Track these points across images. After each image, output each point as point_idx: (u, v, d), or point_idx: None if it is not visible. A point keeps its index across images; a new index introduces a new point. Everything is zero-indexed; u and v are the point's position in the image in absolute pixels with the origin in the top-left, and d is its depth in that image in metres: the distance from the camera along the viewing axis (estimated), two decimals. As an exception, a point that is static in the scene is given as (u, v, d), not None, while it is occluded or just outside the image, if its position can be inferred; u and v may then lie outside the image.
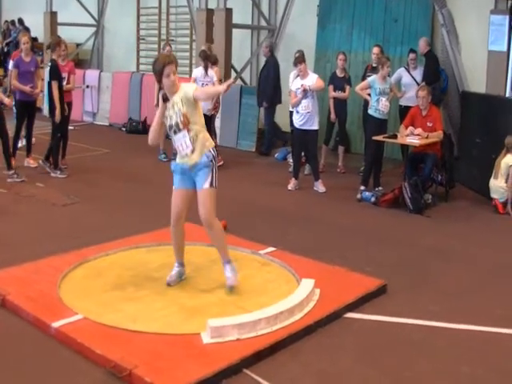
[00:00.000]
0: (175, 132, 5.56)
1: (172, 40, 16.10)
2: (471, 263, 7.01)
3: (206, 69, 11.06)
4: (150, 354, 4.53)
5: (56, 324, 4.92)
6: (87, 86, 16.26)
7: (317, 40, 13.69)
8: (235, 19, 13.57)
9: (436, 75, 11.14)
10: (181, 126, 5.51)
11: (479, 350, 4.99)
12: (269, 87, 12.31)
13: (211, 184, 5.64)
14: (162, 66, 5.40)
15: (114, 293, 5.58)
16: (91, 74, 16.57)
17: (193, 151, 5.56)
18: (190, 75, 12.66)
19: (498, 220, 8.82)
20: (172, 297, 5.55)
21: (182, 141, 5.56)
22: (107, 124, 16.02)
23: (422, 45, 11.23)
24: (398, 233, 8.03)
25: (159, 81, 5.46)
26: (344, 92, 10.99)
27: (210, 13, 13.40)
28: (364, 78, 10.81)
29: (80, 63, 17.70)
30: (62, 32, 16.05)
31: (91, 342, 4.63)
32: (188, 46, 15.97)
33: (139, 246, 6.75)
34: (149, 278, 5.94)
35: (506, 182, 8.99)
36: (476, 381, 4.57)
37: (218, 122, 12.71)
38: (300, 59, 9.84)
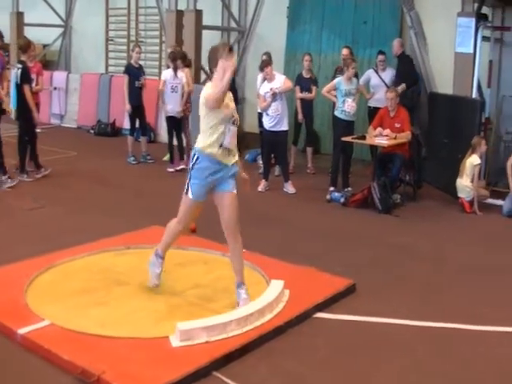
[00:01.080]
0: (233, 123, 5.34)
1: (141, 41, 15.99)
2: (439, 262, 7.09)
3: (175, 70, 11.04)
4: (119, 358, 4.50)
5: (22, 330, 4.85)
6: (54, 88, 16.11)
7: (287, 41, 13.73)
8: (205, 21, 13.54)
9: (412, 77, 11.16)
10: (236, 122, 5.39)
11: (447, 347, 5.04)
12: (231, 89, 12.18)
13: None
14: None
15: (82, 298, 5.52)
16: (59, 76, 16.44)
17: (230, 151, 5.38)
18: (160, 77, 12.59)
19: (464, 219, 8.93)
20: (141, 301, 5.51)
21: (233, 136, 5.33)
22: (75, 126, 15.88)
23: (396, 46, 11.29)
24: (367, 233, 8.08)
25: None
26: (310, 93, 11.04)
27: (179, 14, 13.36)
28: (333, 79, 10.85)
29: (47, 64, 17.46)
30: (29, 32, 15.86)
31: (58, 348, 4.58)
32: (157, 48, 15.88)
33: (107, 249, 6.68)
34: (117, 281, 5.89)
35: (472, 181, 9.10)
36: (445, 376, 4.62)
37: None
38: (266, 63, 9.89)
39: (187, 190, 5.37)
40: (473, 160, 9.14)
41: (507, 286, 6.41)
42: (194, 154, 5.34)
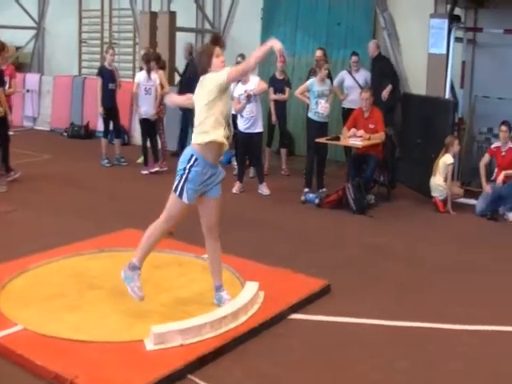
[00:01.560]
0: (228, 125, 5.28)
1: (115, 43, 15.92)
2: (413, 261, 7.14)
3: (148, 72, 11.00)
4: (92, 363, 4.47)
5: (-5, 335, 4.80)
6: (27, 90, 15.98)
7: (261, 43, 13.72)
8: (179, 22, 13.53)
9: (394, 77, 11.14)
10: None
11: (420, 347, 5.08)
12: (190, 91, 12.05)
13: None
14: None
15: (55, 302, 5.47)
16: (32, 78, 16.31)
17: None
18: (134, 79, 12.53)
19: (438, 218, 9.01)
20: (115, 304, 5.47)
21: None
22: (48, 129, 15.78)
23: (372, 47, 11.31)
24: (342, 233, 8.11)
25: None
26: (284, 94, 11.05)
27: (153, 16, 13.34)
28: (307, 81, 10.87)
29: (20, 67, 17.30)
30: (1, 34, 15.67)
31: (31, 353, 4.53)
32: (131, 50, 15.82)
33: (81, 253, 6.63)
34: (91, 285, 5.84)
35: (445, 180, 9.18)
36: (415, 375, 4.66)
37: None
38: None
39: (181, 193, 5.14)
40: (446, 159, 9.22)
41: (479, 286, 6.47)
42: (192, 155, 5.11)
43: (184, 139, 12.34)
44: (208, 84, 5.08)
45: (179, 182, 5.15)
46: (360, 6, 12.56)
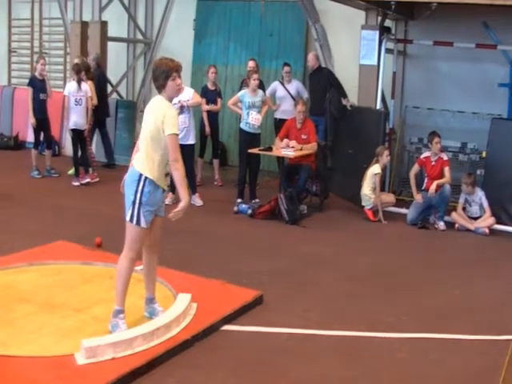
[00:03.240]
0: None
1: (45, 53, 15.65)
2: (345, 270, 7.24)
3: (79, 83, 10.85)
4: (22, 379, 4.38)
5: None
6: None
7: (193, 54, 13.76)
8: (111, 32, 13.40)
9: (341, 87, 11.12)
10: None
11: (352, 355, 5.15)
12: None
13: None
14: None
15: (-18, 317, 5.35)
16: (-41, 88, 15.89)
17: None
18: (64, 89, 12.34)
19: (370, 227, 9.17)
20: (44, 318, 5.37)
21: None
22: (-23, 140, 15.36)
23: (312, 59, 11.25)
24: (275, 244, 8.16)
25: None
26: (216, 105, 11.08)
27: (84, 25, 13.17)
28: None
29: None
30: None
31: (-43, 370, 4.42)
32: (62, 59, 15.58)
33: (9, 266, 6.47)
34: (20, 299, 5.71)
35: (372, 190, 9.34)
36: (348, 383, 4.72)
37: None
38: None
39: (138, 220, 5.02)
40: (373, 169, 9.40)
41: (409, 293, 6.61)
42: (141, 175, 5.01)
43: (109, 147, 12.34)
44: (158, 117, 5.02)
45: (133, 209, 5.03)
46: (292, 17, 12.70)
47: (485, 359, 5.17)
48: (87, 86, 11.02)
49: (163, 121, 4.93)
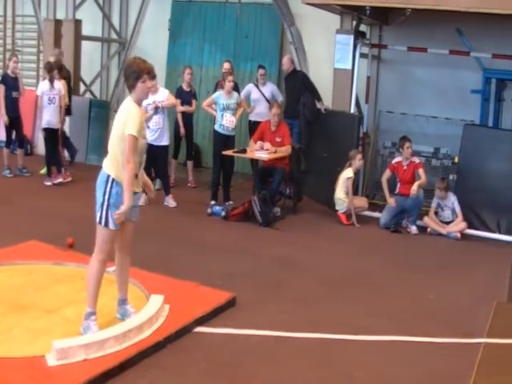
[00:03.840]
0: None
1: (18, 50, 15.49)
2: (318, 273, 7.25)
3: (51, 81, 10.74)
4: (-9, 380, 4.33)
5: None
6: None
7: (168, 54, 13.70)
8: (85, 31, 13.33)
9: (316, 90, 11.12)
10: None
11: (323, 357, 5.16)
12: None
13: None
14: None
15: (-50, 318, 5.26)
16: None
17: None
18: (37, 87, 12.23)
19: (342, 231, 9.21)
20: (15, 319, 5.30)
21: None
22: None
23: (287, 62, 11.20)
24: (248, 246, 8.16)
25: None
26: (191, 106, 11.05)
27: (58, 24, 13.09)
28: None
29: None
30: None
31: None
32: (35, 57, 15.44)
33: (-21, 266, 6.41)
34: (-11, 300, 5.66)
35: (345, 193, 9.38)
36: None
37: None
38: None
39: (106, 222, 4.98)
40: (346, 174, 9.44)
41: (381, 296, 6.64)
42: (108, 177, 4.98)
43: (70, 147, 12.25)
44: (122, 118, 5.01)
45: (101, 211, 4.99)
46: (268, 19, 12.72)
47: (456, 362, 5.21)
48: (60, 85, 10.92)
49: (126, 121, 4.92)
